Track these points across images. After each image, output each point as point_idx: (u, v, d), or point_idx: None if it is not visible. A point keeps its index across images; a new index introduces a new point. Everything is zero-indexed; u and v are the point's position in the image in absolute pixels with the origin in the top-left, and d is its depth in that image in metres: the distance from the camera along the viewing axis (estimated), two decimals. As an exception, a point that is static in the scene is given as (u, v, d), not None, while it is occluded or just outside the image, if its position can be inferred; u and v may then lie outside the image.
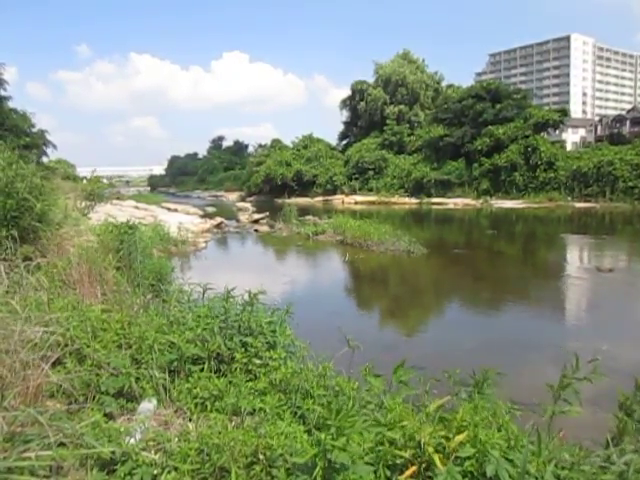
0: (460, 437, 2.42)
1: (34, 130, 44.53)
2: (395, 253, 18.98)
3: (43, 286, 5.62)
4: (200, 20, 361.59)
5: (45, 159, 47.02)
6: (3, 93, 39.71)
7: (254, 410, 3.57)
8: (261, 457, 2.79)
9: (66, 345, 4.11)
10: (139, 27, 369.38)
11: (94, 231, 11.03)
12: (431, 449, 2.34)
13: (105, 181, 28.78)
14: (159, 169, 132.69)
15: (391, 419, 2.82)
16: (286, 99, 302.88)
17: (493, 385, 3.79)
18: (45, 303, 4.97)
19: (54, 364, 3.88)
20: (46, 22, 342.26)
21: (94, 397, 3.76)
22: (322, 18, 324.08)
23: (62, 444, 2.83)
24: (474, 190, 50.89)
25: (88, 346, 4.22)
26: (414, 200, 52.66)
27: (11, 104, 41.47)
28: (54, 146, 48.97)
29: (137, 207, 30.66)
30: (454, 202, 48.97)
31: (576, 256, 21.01)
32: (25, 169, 7.91)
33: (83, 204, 16.21)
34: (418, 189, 53.50)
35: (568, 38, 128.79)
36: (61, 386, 3.67)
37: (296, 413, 3.65)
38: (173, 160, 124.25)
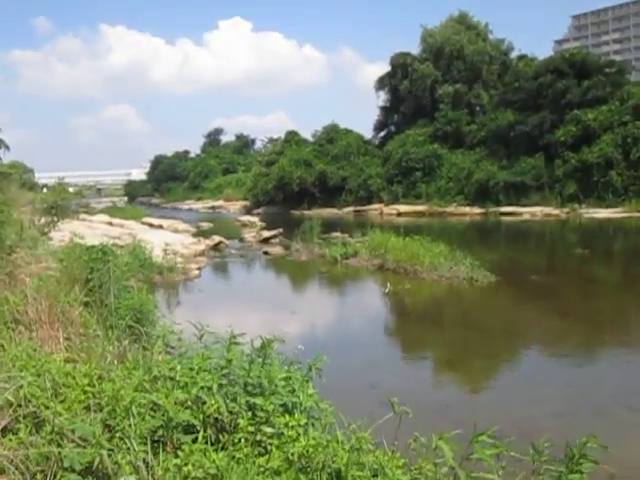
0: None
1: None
2: (453, 282, 18.82)
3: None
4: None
5: (-6, 162, 48.35)
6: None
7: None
8: None
9: (19, 406, 4.16)
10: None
11: (56, 256, 11.25)
12: None
13: (71, 190, 29.39)
14: (139, 173, 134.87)
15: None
16: (303, 79, 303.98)
17: (592, 460, 3.70)
18: (-8, 351, 5.06)
19: (3, 431, 3.92)
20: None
21: (55, 474, 3.78)
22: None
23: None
24: (557, 195, 50.28)
25: (47, 408, 4.25)
26: (477, 210, 52.34)
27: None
28: (7, 146, 50.38)
29: (111, 223, 31.28)
30: (530, 212, 48.49)
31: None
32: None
33: (43, 220, 16.54)
34: (482, 195, 53.15)
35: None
36: (12, 460, 3.70)
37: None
38: (157, 161, 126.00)
